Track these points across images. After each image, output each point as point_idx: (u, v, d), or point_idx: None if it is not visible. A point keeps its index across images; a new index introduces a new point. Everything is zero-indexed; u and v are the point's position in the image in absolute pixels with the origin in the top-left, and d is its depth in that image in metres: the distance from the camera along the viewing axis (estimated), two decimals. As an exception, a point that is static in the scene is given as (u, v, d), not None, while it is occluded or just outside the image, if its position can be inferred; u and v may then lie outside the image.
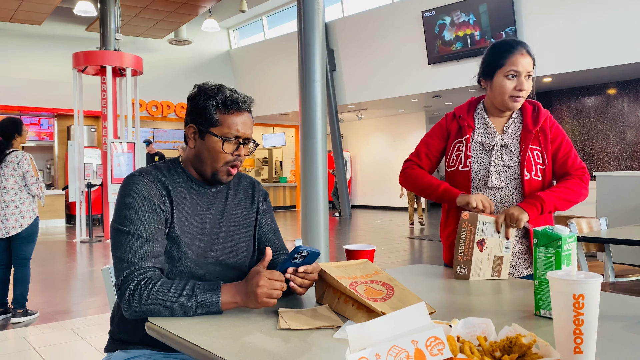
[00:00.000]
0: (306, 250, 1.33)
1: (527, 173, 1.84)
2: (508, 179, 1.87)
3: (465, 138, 1.91)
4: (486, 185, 1.88)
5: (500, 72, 1.83)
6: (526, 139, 1.86)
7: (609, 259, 3.08)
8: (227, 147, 1.46)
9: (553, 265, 1.26)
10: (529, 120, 1.89)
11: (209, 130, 1.46)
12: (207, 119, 1.46)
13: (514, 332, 0.94)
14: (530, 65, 1.81)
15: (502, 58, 1.82)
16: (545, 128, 1.89)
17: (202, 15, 11.87)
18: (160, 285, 1.30)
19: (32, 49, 11.96)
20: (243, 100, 1.47)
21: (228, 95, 1.46)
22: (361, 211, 14.88)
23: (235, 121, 1.46)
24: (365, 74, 11.64)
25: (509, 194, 1.88)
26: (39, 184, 4.22)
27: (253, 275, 1.29)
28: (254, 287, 1.27)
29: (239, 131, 1.46)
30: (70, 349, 3.61)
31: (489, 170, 1.87)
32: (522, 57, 1.80)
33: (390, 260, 6.77)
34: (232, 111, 1.46)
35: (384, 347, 0.77)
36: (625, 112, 9.54)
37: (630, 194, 5.47)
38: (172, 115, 14.06)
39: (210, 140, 1.46)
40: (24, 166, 4.15)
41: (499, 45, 1.86)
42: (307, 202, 5.42)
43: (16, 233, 4.12)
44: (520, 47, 1.81)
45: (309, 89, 5.37)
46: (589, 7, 8.06)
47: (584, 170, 1.89)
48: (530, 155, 1.85)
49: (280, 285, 1.29)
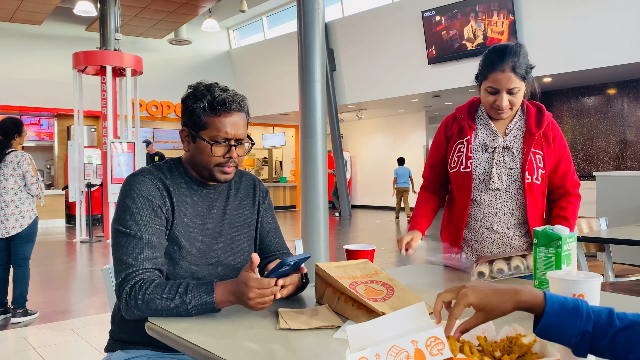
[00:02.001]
0: (292, 260, 1.30)
1: (529, 176, 1.84)
2: (509, 181, 1.87)
3: (466, 139, 1.91)
4: (487, 187, 1.88)
5: (483, 84, 1.83)
6: (529, 142, 1.85)
7: (609, 259, 3.08)
8: (216, 150, 1.44)
9: (553, 265, 1.26)
10: (532, 123, 1.87)
11: (198, 134, 1.44)
12: (196, 123, 1.43)
13: (514, 332, 0.94)
14: (511, 82, 1.76)
15: (485, 71, 1.81)
16: (548, 134, 1.87)
17: (202, 15, 11.87)
18: (154, 287, 1.30)
19: (32, 49, 11.95)
20: (231, 100, 1.43)
21: (216, 97, 1.42)
22: (361, 211, 14.87)
23: (223, 123, 1.42)
24: (365, 74, 11.64)
25: (510, 195, 1.87)
26: (38, 184, 4.22)
27: (242, 284, 1.25)
28: (245, 299, 1.24)
29: (229, 133, 1.43)
30: (70, 349, 3.61)
31: (490, 171, 1.86)
32: (502, 74, 1.76)
33: (390, 260, 6.77)
34: (220, 113, 1.42)
35: (384, 347, 0.77)
36: (625, 112, 9.54)
37: (630, 194, 5.47)
38: (172, 115, 14.06)
39: (200, 144, 1.44)
40: (24, 166, 4.15)
41: (488, 57, 1.82)
42: (307, 202, 5.42)
43: (16, 233, 4.13)
44: (503, 64, 1.75)
45: (309, 89, 5.37)
46: (589, 7, 8.06)
47: (579, 187, 1.92)
48: (532, 159, 1.84)
49: (270, 292, 1.26)
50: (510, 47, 1.79)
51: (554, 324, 0.87)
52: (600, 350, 0.84)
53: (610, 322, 0.85)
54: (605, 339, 0.84)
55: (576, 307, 0.87)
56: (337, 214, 13.22)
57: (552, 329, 0.87)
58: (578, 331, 0.85)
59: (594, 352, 0.85)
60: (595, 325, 0.85)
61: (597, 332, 0.84)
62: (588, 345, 0.85)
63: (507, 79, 1.76)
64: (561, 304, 0.88)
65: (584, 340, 0.84)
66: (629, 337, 0.83)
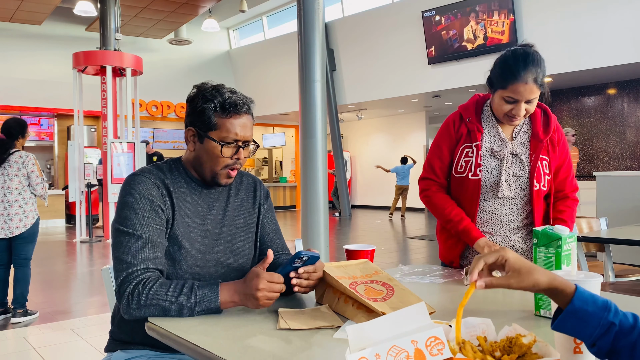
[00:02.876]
0: (307, 255, 1.33)
1: (537, 184, 1.82)
2: (517, 189, 1.84)
3: (475, 144, 1.84)
4: (495, 195, 1.83)
5: (500, 92, 1.75)
6: (537, 148, 1.82)
7: (609, 259, 3.08)
8: (225, 151, 1.44)
9: (553, 265, 1.26)
10: (539, 127, 1.84)
11: (207, 134, 1.44)
12: (206, 123, 1.43)
13: (514, 332, 0.94)
14: (532, 93, 1.70)
15: (505, 81, 1.72)
16: (554, 139, 1.85)
17: (202, 15, 11.87)
18: (158, 286, 1.30)
19: (32, 49, 11.95)
20: (242, 102, 1.44)
21: (227, 98, 1.42)
22: (361, 211, 14.87)
23: (234, 125, 1.43)
24: (365, 74, 11.64)
25: (516, 203, 1.85)
26: (43, 184, 4.24)
27: (252, 277, 1.28)
28: (253, 290, 1.26)
29: (238, 135, 1.44)
30: (70, 349, 3.61)
31: (499, 179, 1.82)
32: (525, 86, 1.68)
33: (390, 260, 6.77)
34: (231, 114, 1.43)
35: (384, 347, 0.77)
36: (625, 112, 9.54)
37: (630, 194, 5.47)
38: (172, 115, 14.06)
39: (209, 144, 1.44)
40: (29, 166, 4.17)
41: (509, 64, 1.72)
42: (307, 202, 5.42)
43: (19, 233, 4.13)
44: (526, 76, 1.68)
45: (309, 89, 5.37)
46: (589, 7, 8.06)
47: (577, 191, 1.91)
48: (540, 166, 1.82)
49: (280, 287, 1.28)
50: (532, 55, 1.70)
51: (580, 312, 0.84)
52: (619, 350, 0.82)
53: (635, 324, 0.82)
54: (627, 339, 0.81)
55: (606, 302, 0.85)
56: (337, 214, 13.22)
57: (577, 317, 0.84)
58: (605, 322, 0.82)
59: (613, 350, 0.82)
60: (621, 323, 0.82)
61: (622, 329, 0.82)
62: (611, 340, 0.82)
63: (530, 91, 1.70)
64: (591, 295, 0.86)
65: (609, 334, 0.82)
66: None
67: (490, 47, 9.07)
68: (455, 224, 1.85)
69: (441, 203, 1.90)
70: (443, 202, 1.90)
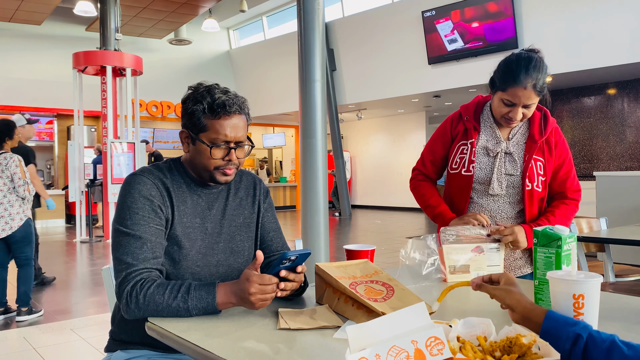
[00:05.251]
0: (294, 254, 1.30)
1: (529, 183, 1.84)
2: (509, 187, 1.86)
3: (470, 142, 1.89)
4: (487, 192, 1.87)
5: (500, 94, 1.78)
6: (531, 148, 1.85)
7: (609, 259, 3.08)
8: (216, 153, 1.43)
9: (553, 265, 1.26)
10: (536, 129, 1.86)
11: (197, 136, 1.43)
12: (196, 125, 1.42)
13: (514, 332, 0.94)
14: (530, 98, 1.73)
15: (505, 84, 1.75)
16: (550, 141, 1.87)
17: (202, 15, 11.87)
18: (156, 287, 1.30)
19: (32, 49, 11.95)
20: (232, 102, 1.42)
21: (216, 99, 1.40)
22: (361, 211, 14.87)
23: (223, 126, 1.41)
24: (365, 74, 11.64)
25: (508, 201, 1.88)
26: (26, 186, 4.18)
27: (244, 280, 1.27)
28: (246, 295, 1.25)
29: (228, 136, 1.42)
30: (70, 349, 3.61)
31: (491, 177, 1.86)
32: (523, 91, 1.71)
33: (390, 260, 6.77)
34: (220, 115, 1.41)
35: (384, 347, 0.77)
36: (625, 112, 9.54)
37: (630, 194, 5.47)
38: (172, 115, 14.05)
39: (200, 146, 1.43)
40: (12, 168, 4.12)
41: (510, 68, 1.74)
42: (307, 202, 5.42)
43: (6, 235, 4.12)
44: (526, 81, 1.70)
45: (309, 89, 5.37)
46: (589, 7, 8.06)
47: (579, 193, 1.91)
48: (533, 166, 1.83)
49: (272, 288, 1.27)
50: (535, 61, 1.72)
51: (551, 329, 0.89)
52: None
53: (609, 337, 0.85)
54: (599, 350, 0.84)
55: (577, 321, 0.90)
56: (337, 214, 13.22)
57: (549, 334, 0.89)
58: (572, 334, 0.86)
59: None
60: (591, 336, 0.86)
61: (591, 342, 0.85)
62: (580, 353, 0.85)
63: (527, 96, 1.73)
64: (563, 316, 0.92)
65: (577, 347, 0.85)
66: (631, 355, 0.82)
67: (490, 48, 9.07)
68: (432, 209, 1.96)
69: (424, 190, 2.03)
70: (425, 190, 2.03)
